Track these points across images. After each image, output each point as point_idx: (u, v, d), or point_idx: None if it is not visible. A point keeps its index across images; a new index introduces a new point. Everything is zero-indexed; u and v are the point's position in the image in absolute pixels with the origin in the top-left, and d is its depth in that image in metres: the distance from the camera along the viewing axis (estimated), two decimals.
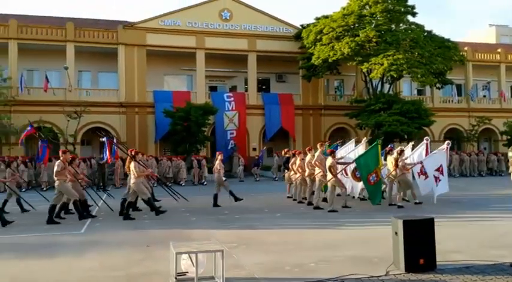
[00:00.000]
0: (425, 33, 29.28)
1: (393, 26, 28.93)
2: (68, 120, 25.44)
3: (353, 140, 16.13)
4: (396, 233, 6.19)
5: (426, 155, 14.26)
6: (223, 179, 13.58)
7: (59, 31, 28.95)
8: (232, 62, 33.00)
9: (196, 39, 31.27)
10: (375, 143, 13.08)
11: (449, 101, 36.77)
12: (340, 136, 35.55)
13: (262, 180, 25.80)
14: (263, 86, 35.24)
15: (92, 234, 9.44)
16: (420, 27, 29.23)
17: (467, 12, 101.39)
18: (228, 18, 31.91)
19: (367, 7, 28.56)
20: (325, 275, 5.96)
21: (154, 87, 30.98)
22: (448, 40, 29.91)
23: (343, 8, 29.19)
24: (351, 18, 27.81)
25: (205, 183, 23.51)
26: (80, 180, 12.19)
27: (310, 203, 13.22)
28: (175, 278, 5.51)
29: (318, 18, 30.69)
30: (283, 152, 18.47)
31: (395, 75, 27.75)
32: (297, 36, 32.14)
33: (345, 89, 36.52)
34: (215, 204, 13.36)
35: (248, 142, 32.10)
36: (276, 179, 26.11)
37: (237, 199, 13.39)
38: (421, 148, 14.68)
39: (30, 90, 28.76)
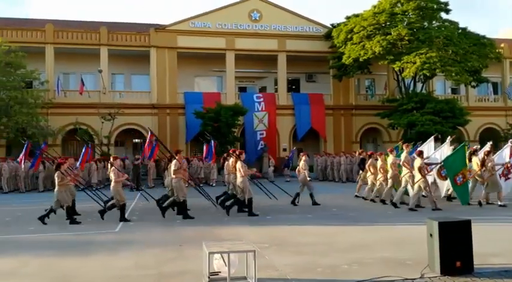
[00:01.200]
0: (460, 31, 28.54)
1: (426, 23, 28.37)
2: (103, 122, 26.07)
3: (431, 138, 16.00)
4: (431, 234, 6.05)
5: (511, 157, 14.08)
6: (308, 179, 13.97)
7: (93, 35, 29.75)
8: (261, 63, 33.08)
9: (226, 41, 31.50)
10: (462, 144, 13.10)
11: (485, 99, 35.78)
12: (371, 136, 35.17)
13: (293, 181, 25.66)
14: (293, 86, 35.16)
15: (125, 233, 9.64)
16: (454, 24, 28.54)
17: (504, 8, 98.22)
18: (257, 18, 31.99)
19: (399, 5, 28.13)
20: (357, 277, 5.88)
21: (185, 88, 31.39)
22: (483, 37, 29.06)
23: (374, 7, 28.83)
24: (382, 16, 27.43)
25: None
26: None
27: (387, 202, 13.53)
28: (208, 278, 5.56)
29: (348, 17, 30.40)
30: (357, 153, 18.58)
31: (428, 74, 27.22)
32: (327, 36, 31.93)
33: (376, 89, 35.99)
34: (293, 202, 13.72)
35: (278, 143, 32.08)
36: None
37: (314, 203, 13.59)
38: (505, 150, 14.39)
39: (66, 93, 29.68)
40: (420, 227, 8.33)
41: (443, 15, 28.80)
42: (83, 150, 17.78)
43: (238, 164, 11.84)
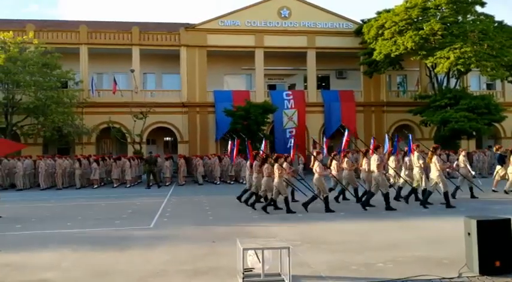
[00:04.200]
0: (496, 24, 27.67)
1: (460, 17, 27.61)
2: (135, 121, 26.55)
3: None
4: (469, 233, 5.93)
5: None
6: (473, 173, 14.68)
7: (125, 35, 30.30)
8: (291, 60, 32.96)
9: (255, 38, 31.52)
10: None
11: None
12: (403, 134, 34.49)
13: None
14: (323, 83, 34.90)
15: (160, 229, 9.83)
16: (490, 17, 27.67)
17: None
18: (287, 16, 31.88)
19: None
20: (393, 276, 5.82)
21: (214, 87, 31.61)
22: None
23: (406, 1, 28.22)
24: (414, 11, 26.87)
25: None
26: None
27: None
28: (243, 274, 5.61)
29: (379, 13, 29.92)
30: (494, 149, 18.86)
31: (462, 69, 26.51)
32: (358, 32, 31.53)
33: (408, 85, 35.35)
34: (453, 195, 13.91)
35: (308, 140, 31.90)
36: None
37: (473, 196, 14.01)
38: None
39: (100, 92, 30.37)
40: (455, 225, 8.19)
41: (478, 8, 27.92)
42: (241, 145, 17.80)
43: (434, 158, 12.27)
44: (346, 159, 13.93)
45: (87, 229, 10.04)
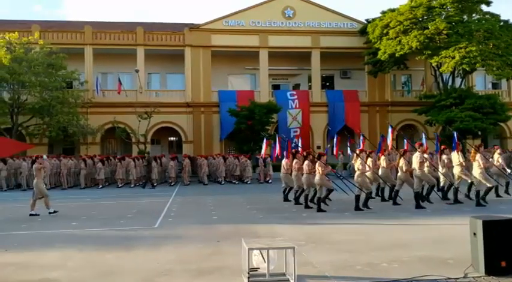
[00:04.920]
0: (501, 23, 27.51)
1: (465, 16, 27.51)
2: (139, 121, 26.62)
3: None
4: (475, 233, 5.90)
5: None
6: (509, 171, 14.81)
7: (129, 35, 30.39)
8: (295, 60, 32.95)
9: (259, 38, 31.53)
10: None
11: None
12: (408, 133, 34.41)
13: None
14: (327, 83, 34.85)
15: (164, 229, 9.84)
16: (495, 16, 27.55)
17: None
18: (291, 16, 31.87)
19: None
20: (398, 276, 5.80)
21: (219, 87, 31.64)
22: None
23: (411, 0, 28.14)
24: (419, 10, 26.78)
25: (270, 181, 23.62)
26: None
27: None
28: (248, 273, 5.61)
29: (383, 12, 29.84)
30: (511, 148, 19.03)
31: (467, 69, 26.41)
32: (362, 31, 31.45)
33: (413, 85, 35.25)
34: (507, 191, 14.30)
35: (312, 140, 31.89)
36: (341, 177, 25.70)
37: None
38: None
39: (104, 92, 30.47)
40: (460, 225, 8.17)
41: (483, 7, 27.82)
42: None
43: (478, 156, 12.45)
44: (383, 157, 14.13)
45: (92, 229, 10.06)
